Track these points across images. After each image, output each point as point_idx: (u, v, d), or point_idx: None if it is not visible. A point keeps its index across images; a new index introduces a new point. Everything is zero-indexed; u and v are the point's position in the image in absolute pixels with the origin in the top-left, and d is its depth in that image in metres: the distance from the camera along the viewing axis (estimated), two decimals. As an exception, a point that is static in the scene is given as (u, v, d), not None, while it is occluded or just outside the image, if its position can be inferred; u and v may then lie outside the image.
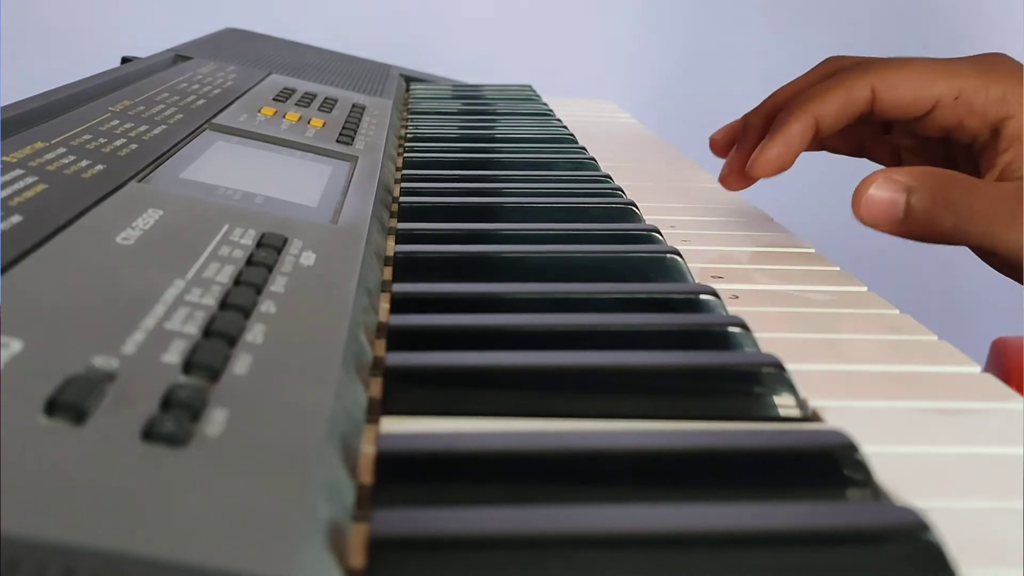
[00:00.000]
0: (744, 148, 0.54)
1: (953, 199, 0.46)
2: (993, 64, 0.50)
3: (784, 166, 0.51)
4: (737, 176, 0.54)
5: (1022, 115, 0.49)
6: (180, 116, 0.55)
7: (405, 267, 0.42)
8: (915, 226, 0.47)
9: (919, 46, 1.60)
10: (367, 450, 0.27)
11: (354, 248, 0.39)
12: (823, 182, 1.03)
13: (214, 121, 0.56)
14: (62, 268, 0.30)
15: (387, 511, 0.23)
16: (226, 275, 0.32)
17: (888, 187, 0.47)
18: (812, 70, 0.55)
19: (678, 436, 0.29)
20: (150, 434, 0.22)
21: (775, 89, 0.56)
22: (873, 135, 0.57)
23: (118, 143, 0.46)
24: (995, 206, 0.46)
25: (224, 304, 0.30)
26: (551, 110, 0.87)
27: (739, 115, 0.56)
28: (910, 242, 0.50)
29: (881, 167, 0.49)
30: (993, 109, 0.49)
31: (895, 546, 0.23)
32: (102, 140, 0.45)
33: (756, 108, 0.55)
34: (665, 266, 0.43)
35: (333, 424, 0.25)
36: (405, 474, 0.26)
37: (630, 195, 0.55)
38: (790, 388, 0.31)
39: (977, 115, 0.49)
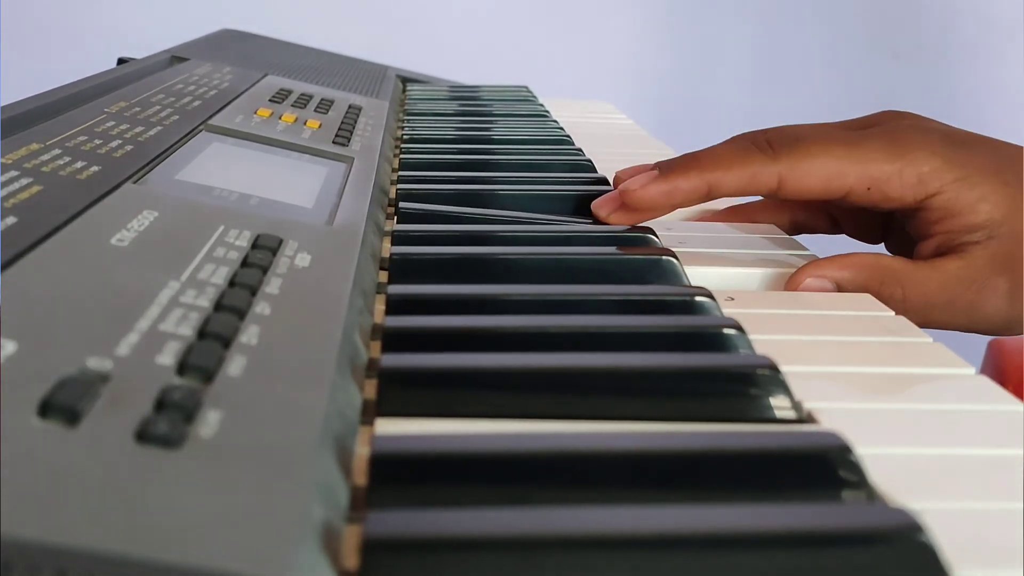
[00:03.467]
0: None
1: (885, 294, 0.46)
2: (904, 142, 0.48)
3: (656, 211, 0.50)
4: (619, 209, 0.52)
5: (945, 191, 0.47)
6: (176, 117, 0.55)
7: (400, 269, 0.42)
8: None
9: (912, 46, 1.61)
10: (361, 451, 0.27)
11: (349, 249, 0.39)
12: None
13: (210, 122, 0.56)
14: (57, 269, 0.30)
15: (381, 513, 0.23)
16: (221, 276, 0.32)
17: (819, 283, 0.46)
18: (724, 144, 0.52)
19: (673, 438, 0.29)
20: (144, 435, 0.22)
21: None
22: (802, 205, 0.55)
23: (114, 144, 0.46)
24: (932, 298, 0.46)
25: (218, 305, 0.30)
26: (548, 111, 0.87)
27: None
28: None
29: (813, 256, 0.49)
30: (911, 193, 0.47)
31: (889, 547, 0.23)
32: (98, 141, 0.45)
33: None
34: (661, 268, 0.43)
35: (327, 425, 0.25)
36: (399, 476, 0.26)
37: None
38: (785, 390, 0.31)
39: (894, 200, 0.48)
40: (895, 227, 0.54)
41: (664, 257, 0.44)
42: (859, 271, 0.46)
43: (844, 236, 0.57)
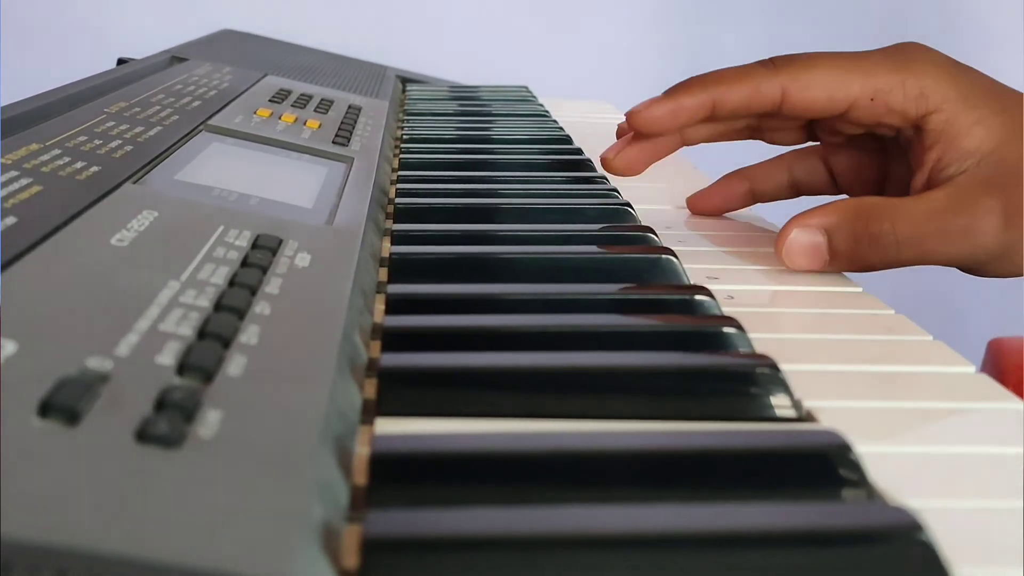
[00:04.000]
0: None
1: (875, 233, 0.45)
2: (908, 57, 0.48)
3: (663, 129, 0.50)
4: (626, 144, 0.52)
5: (944, 109, 0.47)
6: (176, 118, 0.55)
7: (400, 268, 0.42)
8: (845, 265, 0.46)
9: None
10: (361, 451, 0.27)
11: (349, 249, 0.39)
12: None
13: (210, 122, 0.56)
14: (57, 270, 0.30)
15: (381, 512, 0.23)
16: (221, 276, 0.32)
17: (806, 233, 0.45)
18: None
19: (673, 437, 0.29)
20: (144, 435, 0.22)
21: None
22: (792, 133, 0.54)
23: (113, 145, 0.46)
24: (921, 228, 0.45)
25: (218, 305, 0.30)
26: (547, 111, 0.87)
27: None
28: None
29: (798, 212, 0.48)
30: (912, 106, 0.47)
31: (889, 546, 0.23)
32: (98, 142, 0.45)
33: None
34: (660, 267, 0.43)
35: (327, 425, 0.25)
36: (399, 475, 0.26)
37: (625, 196, 0.55)
38: (785, 388, 0.31)
39: (896, 113, 0.47)
40: (893, 178, 0.53)
41: (664, 256, 0.44)
42: (843, 213, 0.46)
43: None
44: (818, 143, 0.55)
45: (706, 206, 0.57)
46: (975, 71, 0.49)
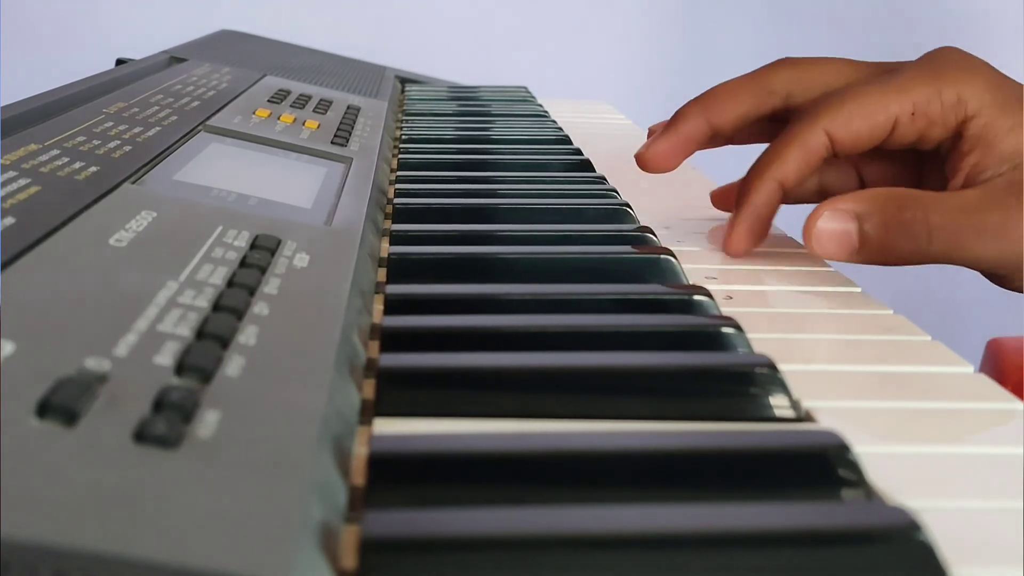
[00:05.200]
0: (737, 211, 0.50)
1: (907, 220, 0.44)
2: (941, 65, 0.47)
3: (762, 237, 0.49)
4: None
5: (982, 114, 0.46)
6: (175, 118, 0.55)
7: (399, 268, 0.42)
8: (873, 253, 0.45)
9: (912, 47, 1.61)
10: (360, 451, 0.27)
11: (348, 250, 0.39)
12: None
13: (209, 123, 0.56)
14: (55, 270, 0.30)
15: (379, 512, 0.23)
16: (219, 277, 0.32)
17: (837, 218, 0.45)
18: (753, 74, 0.52)
19: (672, 437, 0.29)
20: (142, 436, 0.22)
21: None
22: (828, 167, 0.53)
23: (112, 145, 0.46)
24: (955, 219, 0.44)
25: (217, 306, 0.30)
26: (546, 111, 0.87)
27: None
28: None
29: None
30: (951, 114, 0.46)
31: (887, 546, 0.23)
32: (96, 142, 0.45)
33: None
34: (659, 267, 0.43)
35: (326, 426, 0.25)
36: (398, 476, 0.26)
37: (624, 196, 0.55)
38: (783, 389, 0.31)
39: (937, 124, 0.47)
40: (927, 185, 0.52)
41: (662, 256, 0.44)
42: (876, 199, 0.45)
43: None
44: None
45: (731, 204, 0.55)
46: (1007, 76, 0.48)
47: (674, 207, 0.58)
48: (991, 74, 0.47)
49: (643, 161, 0.52)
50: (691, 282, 0.43)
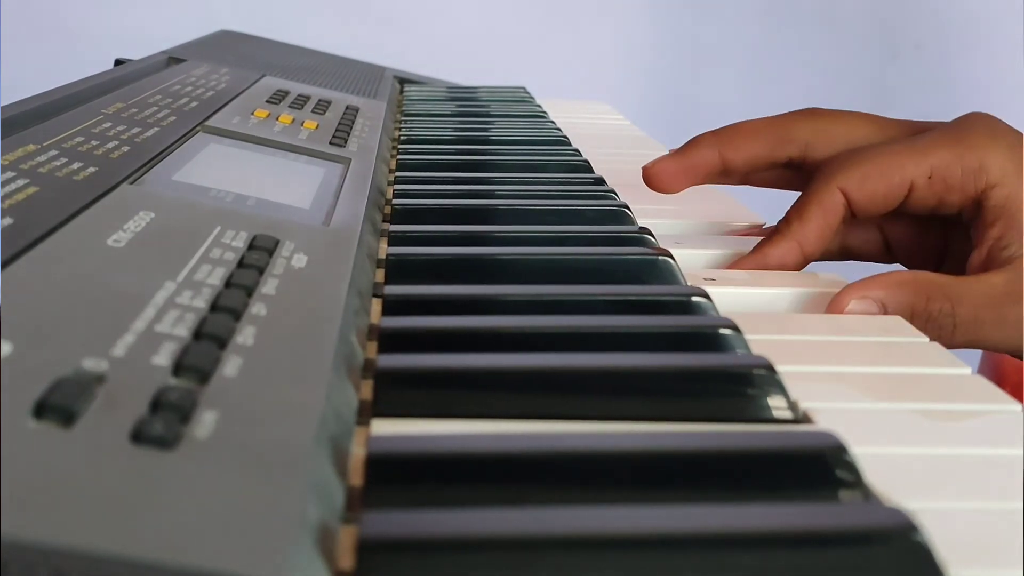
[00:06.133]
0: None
1: (935, 313, 0.43)
2: (967, 130, 0.46)
3: (676, 188, 0.51)
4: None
5: (1004, 184, 0.45)
6: (173, 118, 0.55)
7: (397, 269, 0.42)
8: None
9: (911, 46, 1.61)
10: (357, 452, 0.27)
11: (346, 250, 0.39)
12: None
13: (207, 123, 0.56)
14: (53, 270, 0.30)
15: (376, 513, 0.23)
16: (217, 277, 0.32)
17: (863, 304, 0.43)
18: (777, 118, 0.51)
19: (669, 438, 0.29)
20: (139, 436, 0.22)
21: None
22: (852, 230, 0.52)
23: (110, 145, 0.46)
24: (979, 312, 0.43)
25: (215, 306, 0.30)
26: (545, 112, 0.87)
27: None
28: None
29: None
30: (971, 181, 0.45)
31: (884, 547, 0.23)
32: (94, 142, 0.45)
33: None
34: (657, 268, 0.43)
35: (323, 426, 0.25)
36: (395, 476, 0.26)
37: (623, 197, 0.55)
38: (781, 390, 0.31)
39: (956, 191, 0.45)
40: (953, 250, 0.51)
41: (661, 257, 0.44)
42: (903, 287, 0.44)
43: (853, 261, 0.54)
44: None
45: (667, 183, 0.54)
46: None
47: (673, 208, 0.58)
48: (1017, 142, 0.46)
49: (647, 176, 0.52)
50: (689, 283, 0.43)
